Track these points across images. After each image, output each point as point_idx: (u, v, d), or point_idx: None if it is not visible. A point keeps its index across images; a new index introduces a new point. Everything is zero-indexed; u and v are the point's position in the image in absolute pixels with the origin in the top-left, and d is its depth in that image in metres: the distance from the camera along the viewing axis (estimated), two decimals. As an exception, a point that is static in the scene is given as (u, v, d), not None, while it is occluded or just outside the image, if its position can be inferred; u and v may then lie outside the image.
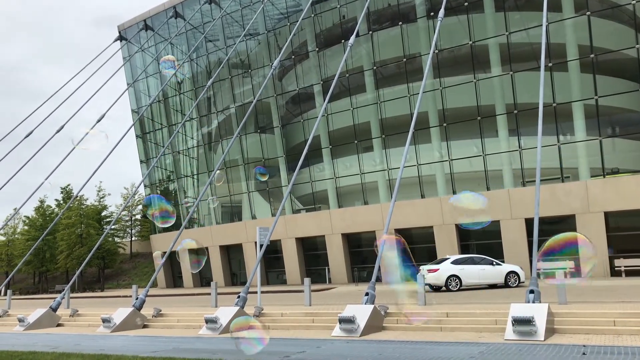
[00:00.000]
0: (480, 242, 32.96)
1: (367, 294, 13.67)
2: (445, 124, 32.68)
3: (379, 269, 14.98)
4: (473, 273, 23.59)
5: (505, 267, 24.48)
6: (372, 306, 13.22)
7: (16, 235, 64.01)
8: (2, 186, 28.01)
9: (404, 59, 34.15)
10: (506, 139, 31.28)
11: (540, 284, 12.43)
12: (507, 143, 31.25)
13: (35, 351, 11.81)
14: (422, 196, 33.30)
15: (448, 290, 23.05)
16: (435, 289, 23.83)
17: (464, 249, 32.01)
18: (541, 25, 18.81)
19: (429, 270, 23.34)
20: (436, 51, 31.60)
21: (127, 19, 47.74)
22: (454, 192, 32.38)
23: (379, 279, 13.56)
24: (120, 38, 45.59)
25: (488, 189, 31.31)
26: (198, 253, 14.93)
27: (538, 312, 10.98)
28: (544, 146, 17.52)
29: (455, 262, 23.75)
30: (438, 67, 32.64)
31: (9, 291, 29.36)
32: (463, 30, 32.09)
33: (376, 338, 12.06)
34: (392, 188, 33.26)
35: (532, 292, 11.92)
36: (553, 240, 10.86)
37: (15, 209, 58.40)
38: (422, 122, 31.95)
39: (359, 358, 9.59)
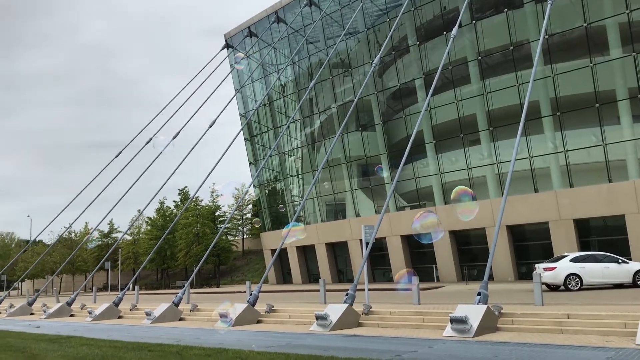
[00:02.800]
0: (603, 238, 30.57)
1: (479, 294, 13.21)
2: (559, 113, 30.70)
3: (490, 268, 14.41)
4: (595, 271, 21.93)
5: (634, 265, 22.47)
6: (486, 306, 12.74)
7: (140, 235, 69.34)
8: (128, 190, 30.63)
9: (511, 47, 32.53)
10: (630, 125, 28.73)
11: None
12: (631, 130, 28.69)
13: (162, 343, 12.75)
14: (536, 190, 31.55)
15: (567, 289, 21.64)
16: (553, 288, 22.49)
17: (583, 245, 29.87)
18: (669, -2, 17.06)
19: (546, 269, 22.07)
20: (546, 36, 29.74)
21: (232, 27, 49.90)
22: (571, 185, 30.36)
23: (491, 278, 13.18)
24: (227, 46, 47.83)
25: (610, 180, 28.99)
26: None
27: (676, 316, 9.97)
28: (676, 132, 15.91)
29: (574, 260, 22.21)
30: (549, 52, 30.71)
31: (136, 287, 32.01)
32: (576, 11, 29.92)
33: (490, 339, 11.62)
34: (502, 182, 31.82)
35: (667, 293, 10.84)
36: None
37: (139, 210, 63.60)
38: (533, 112, 30.21)
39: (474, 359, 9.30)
